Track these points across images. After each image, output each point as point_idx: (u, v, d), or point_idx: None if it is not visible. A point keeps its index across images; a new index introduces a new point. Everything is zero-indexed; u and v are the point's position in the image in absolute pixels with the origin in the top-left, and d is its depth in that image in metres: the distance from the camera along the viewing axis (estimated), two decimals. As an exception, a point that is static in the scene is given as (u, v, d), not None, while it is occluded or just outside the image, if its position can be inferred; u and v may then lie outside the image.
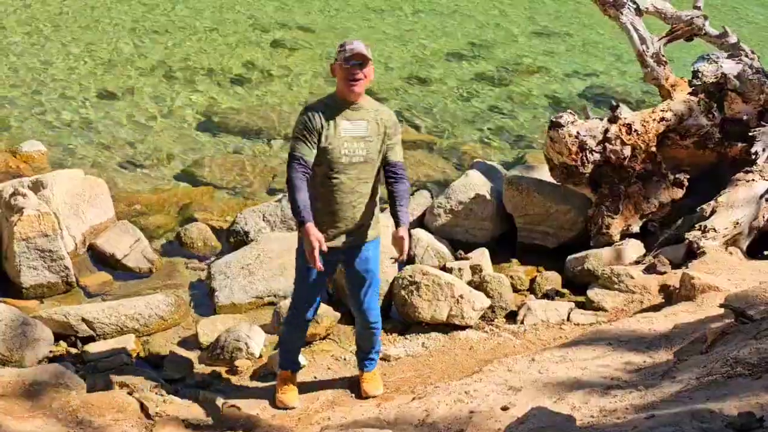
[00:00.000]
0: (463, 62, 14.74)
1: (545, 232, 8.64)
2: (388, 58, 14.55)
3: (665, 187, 8.29)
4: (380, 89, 13.13)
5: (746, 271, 7.31)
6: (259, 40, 14.72)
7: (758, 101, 8.30)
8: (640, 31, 8.42)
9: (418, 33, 15.95)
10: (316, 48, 14.62)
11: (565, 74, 14.49)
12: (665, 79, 8.48)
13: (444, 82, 13.73)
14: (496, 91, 13.60)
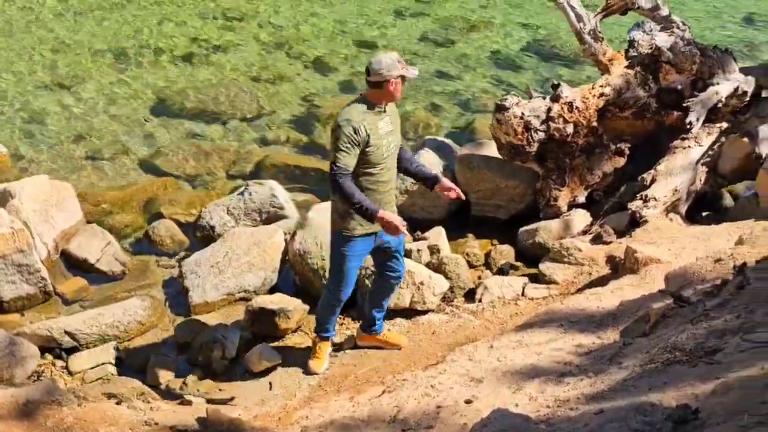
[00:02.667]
0: (410, 20, 14.97)
1: (497, 205, 9.09)
2: (335, 22, 14.73)
3: (608, 157, 8.74)
4: (330, 58, 13.37)
5: (686, 239, 7.81)
6: (204, 12, 14.77)
7: (691, 71, 8.72)
8: (576, 9, 8.77)
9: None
10: (263, 16, 14.74)
11: (507, 29, 14.79)
12: (603, 54, 8.87)
13: (392, 46, 13.93)
14: (441, 52, 13.89)
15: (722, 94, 8.63)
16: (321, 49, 13.73)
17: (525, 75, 13.12)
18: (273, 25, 14.43)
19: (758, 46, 14.36)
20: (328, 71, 13.06)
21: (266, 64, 13.10)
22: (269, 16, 14.76)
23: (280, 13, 14.94)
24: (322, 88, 12.50)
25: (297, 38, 14.07)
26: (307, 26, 14.52)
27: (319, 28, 14.45)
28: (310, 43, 13.93)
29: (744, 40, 14.73)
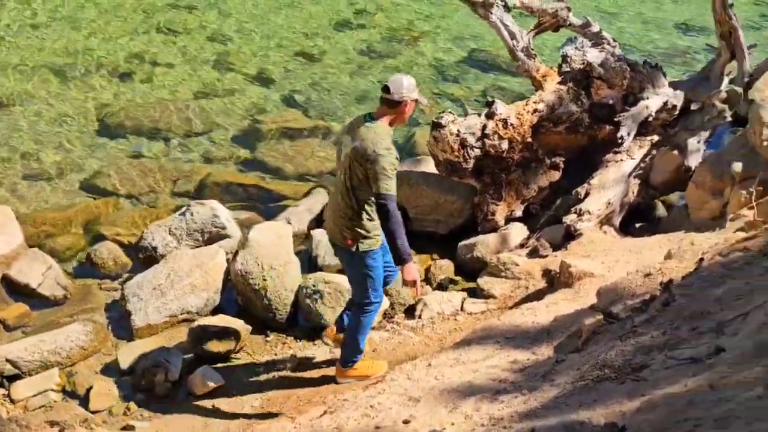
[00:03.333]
0: (350, 32, 15.06)
1: (436, 220, 9.25)
2: (276, 33, 14.79)
3: (543, 171, 8.94)
4: (272, 72, 13.43)
5: (619, 252, 8.03)
6: (145, 27, 14.72)
7: (622, 86, 8.95)
8: (509, 27, 8.96)
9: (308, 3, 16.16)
10: (202, 30, 14.75)
11: (449, 39, 14.94)
12: (536, 70, 9.07)
13: (333, 58, 14.05)
14: (384, 62, 14.00)
15: (652, 108, 8.88)
16: (263, 62, 13.77)
17: (465, 87, 13.30)
18: (215, 39, 14.43)
19: (693, 54, 14.67)
20: (270, 85, 13.11)
21: (208, 79, 13.12)
22: (211, 30, 14.76)
23: (221, 27, 14.94)
24: (264, 103, 12.55)
25: (238, 52, 14.09)
26: (248, 40, 14.56)
27: (261, 42, 14.49)
28: (252, 56, 13.96)
29: (679, 48, 15.05)
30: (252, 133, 11.72)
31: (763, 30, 16.00)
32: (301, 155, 11.10)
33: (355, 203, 6.23)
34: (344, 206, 6.29)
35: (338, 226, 6.39)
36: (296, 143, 11.42)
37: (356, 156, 6.08)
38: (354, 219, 6.28)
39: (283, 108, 12.43)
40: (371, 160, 6.00)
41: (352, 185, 6.19)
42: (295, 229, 9.07)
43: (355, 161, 6.10)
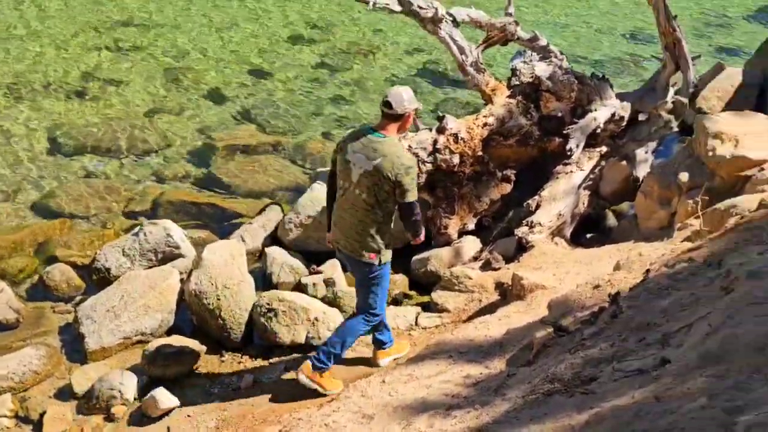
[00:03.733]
0: (303, 47, 15.12)
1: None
2: (229, 49, 14.81)
3: (495, 184, 9.01)
4: (226, 88, 13.43)
5: (570, 263, 8.12)
6: (96, 44, 14.66)
7: (570, 99, 9.06)
8: (458, 42, 9.03)
9: (260, 18, 16.19)
10: (154, 47, 14.72)
11: (401, 53, 15.04)
12: (486, 84, 9.15)
13: (286, 73, 14.09)
14: (338, 77, 14.07)
15: (600, 120, 9.00)
16: (216, 79, 13.78)
17: (420, 98, 13.34)
18: (167, 56, 14.42)
19: (643, 63, 14.88)
20: (224, 102, 13.11)
21: (161, 96, 13.10)
22: (163, 47, 14.74)
23: (174, 44, 14.93)
24: (218, 120, 12.54)
25: (192, 69, 14.08)
26: (202, 56, 14.55)
27: (214, 58, 14.48)
28: (206, 73, 13.96)
29: (630, 55, 15.26)
30: (206, 150, 11.71)
31: (708, 38, 16.29)
32: (256, 172, 11.10)
33: (381, 216, 6.42)
34: (368, 222, 6.42)
35: (358, 242, 6.51)
36: (250, 160, 11.43)
37: (380, 173, 6.21)
38: (379, 232, 6.47)
39: (236, 124, 12.43)
40: (399, 173, 6.19)
41: (378, 200, 6.34)
42: (249, 247, 9.09)
43: (381, 178, 6.23)
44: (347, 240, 6.57)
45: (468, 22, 9.18)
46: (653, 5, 8.96)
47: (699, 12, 17.68)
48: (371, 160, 6.22)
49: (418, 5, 8.73)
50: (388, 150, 6.22)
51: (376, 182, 6.26)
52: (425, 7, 8.76)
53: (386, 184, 6.24)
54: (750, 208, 6.96)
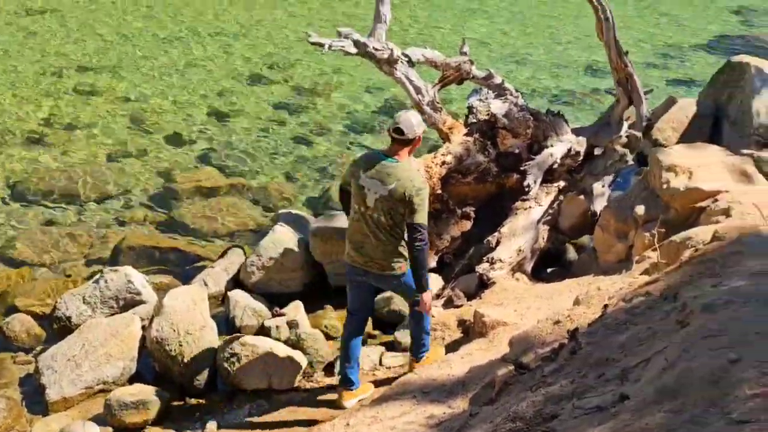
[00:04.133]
0: (263, 87, 15.20)
1: (353, 274, 9.29)
2: (189, 92, 14.84)
3: (455, 222, 9.06)
4: (186, 131, 13.44)
5: (531, 299, 8.17)
6: (56, 90, 14.64)
7: (526, 135, 9.17)
8: (414, 82, 9.11)
9: (219, 59, 16.27)
10: (114, 91, 14.71)
11: (361, 90, 15.16)
12: (443, 123, 9.23)
13: (246, 114, 14.14)
14: (298, 117, 14.15)
15: (557, 155, 9.10)
16: (177, 121, 13.80)
17: (380, 137, 13.45)
18: (127, 100, 14.44)
19: (598, 95, 15.07)
20: (184, 144, 13.12)
21: (121, 139, 13.08)
22: (123, 90, 14.74)
23: (134, 87, 14.95)
24: (179, 163, 12.54)
25: (152, 111, 14.11)
26: (162, 99, 14.58)
27: (175, 101, 14.52)
28: (166, 116, 13.98)
29: (587, 89, 15.48)
30: (167, 193, 11.69)
31: (662, 70, 16.56)
32: (217, 214, 11.10)
33: (401, 233, 6.68)
34: (391, 240, 6.70)
35: (386, 260, 6.77)
36: (212, 202, 11.42)
37: (395, 197, 6.48)
38: (401, 247, 6.73)
39: (197, 167, 12.44)
40: (412, 194, 6.44)
41: (395, 222, 6.61)
42: (211, 291, 9.08)
43: (396, 201, 6.50)
44: (374, 260, 6.81)
45: (423, 62, 9.26)
46: (605, 42, 9.11)
47: (653, 44, 18.00)
48: (386, 185, 6.50)
49: (373, 47, 8.81)
50: (402, 174, 6.50)
51: (392, 206, 6.54)
52: (381, 49, 8.84)
53: (401, 207, 6.52)
54: (704, 239, 7.05)
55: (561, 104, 14.57)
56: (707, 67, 16.01)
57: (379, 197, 6.54)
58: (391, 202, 6.51)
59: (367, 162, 6.69)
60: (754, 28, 19.26)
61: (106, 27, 17.83)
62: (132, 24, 18.09)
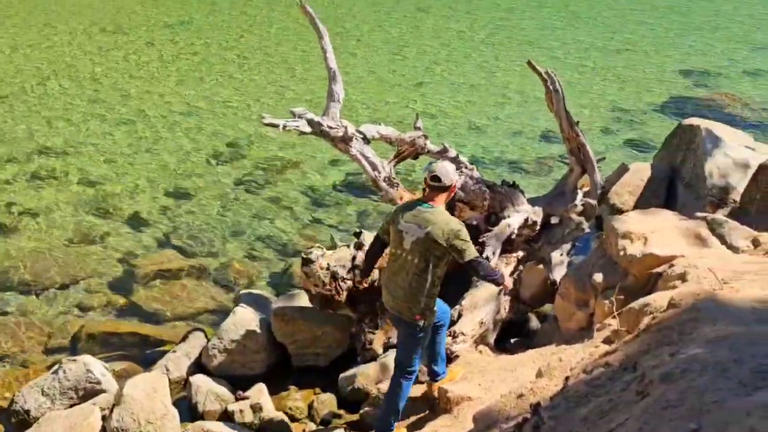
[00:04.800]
0: (223, 167, 15.20)
1: (316, 353, 9.25)
2: (148, 173, 14.81)
3: (416, 295, 9.04)
4: (146, 212, 13.38)
5: (494, 372, 8.14)
6: (14, 175, 14.55)
7: (483, 207, 9.22)
8: (370, 158, 9.16)
9: (179, 139, 16.29)
10: (73, 175, 14.66)
11: (321, 166, 15.21)
12: (400, 198, 9.25)
13: (206, 194, 14.12)
14: (258, 195, 14.13)
15: (514, 226, 9.15)
16: (136, 204, 13.75)
17: (341, 212, 13.49)
18: (87, 184, 14.36)
19: (555, 160, 15.23)
20: (144, 226, 13.06)
21: (80, 224, 12.99)
22: (82, 174, 14.69)
23: (93, 170, 14.91)
24: (139, 245, 12.46)
25: (112, 194, 14.05)
26: (121, 181, 14.53)
27: (134, 183, 14.48)
28: (125, 198, 13.93)
29: (543, 155, 15.64)
30: (127, 277, 11.60)
31: (617, 134, 16.81)
32: (178, 297, 11.02)
33: (429, 279, 6.99)
34: (418, 285, 7.00)
35: (408, 303, 7.07)
36: (172, 284, 11.35)
37: (432, 240, 6.87)
38: (427, 295, 7.04)
39: (157, 249, 12.37)
40: (450, 238, 6.84)
41: (428, 265, 6.96)
42: (173, 376, 8.98)
43: (432, 243, 6.87)
44: (395, 301, 7.14)
45: (378, 139, 9.33)
46: (555, 112, 9.24)
47: (607, 107, 18.28)
48: (423, 229, 6.90)
49: (327, 125, 8.86)
50: (438, 218, 6.92)
51: (428, 248, 6.90)
52: (335, 127, 8.89)
53: (437, 250, 6.89)
54: (662, 306, 7.08)
55: (517, 172, 14.72)
56: (661, 129, 16.26)
57: (416, 239, 6.93)
58: (428, 244, 6.88)
59: (406, 208, 7.14)
60: (703, 89, 19.64)
61: (55, 111, 17.85)
62: (79, 108, 18.11)
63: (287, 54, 22.57)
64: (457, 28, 25.51)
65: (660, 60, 22.01)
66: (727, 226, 8.44)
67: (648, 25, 25.72)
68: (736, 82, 20.07)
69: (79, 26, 25.12)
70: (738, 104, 18.28)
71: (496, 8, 27.41)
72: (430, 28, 25.58)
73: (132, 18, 26.16)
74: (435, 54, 22.85)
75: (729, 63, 21.59)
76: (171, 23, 25.47)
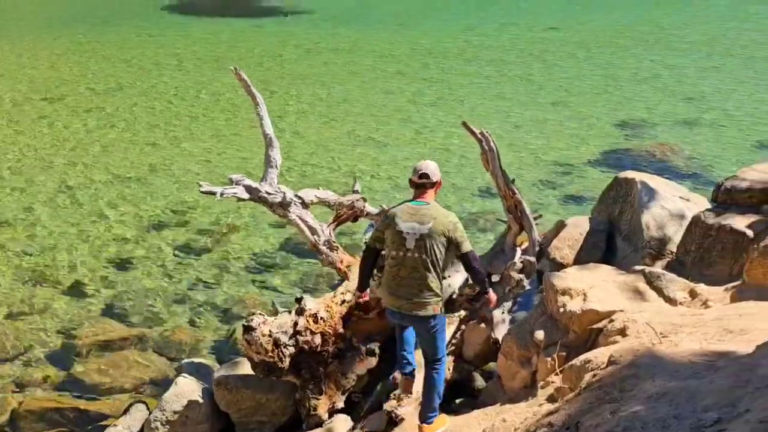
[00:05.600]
0: (164, 233, 15.07)
1: (260, 422, 9.12)
2: (88, 242, 14.63)
3: (360, 359, 9.01)
4: (87, 283, 13.19)
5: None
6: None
7: (424, 268, 9.25)
8: (309, 223, 9.18)
9: (119, 207, 16.15)
10: (11, 245, 14.45)
11: (263, 229, 15.15)
12: (340, 261, 9.28)
13: (148, 261, 13.97)
14: (200, 260, 14.03)
15: (455, 285, 9.19)
16: (76, 273, 13.56)
17: (284, 275, 13.43)
18: (25, 254, 14.15)
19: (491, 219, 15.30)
20: (85, 297, 12.88)
21: (19, 295, 12.78)
22: (20, 244, 14.47)
23: (32, 240, 14.70)
24: (79, 317, 12.27)
25: (52, 264, 13.86)
26: (60, 251, 14.34)
27: (73, 252, 14.29)
28: (65, 268, 13.73)
29: (484, 212, 15.76)
30: (67, 350, 11.41)
31: (555, 188, 17.01)
32: (119, 368, 10.85)
33: (436, 274, 7.31)
34: (428, 279, 7.29)
35: (422, 299, 7.33)
36: (113, 356, 11.18)
37: (434, 234, 7.20)
38: (435, 288, 7.34)
39: (98, 319, 12.20)
40: (450, 230, 7.21)
41: (434, 260, 7.26)
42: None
43: (436, 236, 7.20)
44: (410, 302, 7.34)
45: (317, 203, 9.35)
46: (491, 172, 9.34)
47: (543, 162, 18.50)
48: (424, 225, 7.20)
49: (266, 191, 8.87)
50: (437, 213, 7.27)
51: (432, 242, 7.21)
52: (273, 193, 8.91)
53: (440, 242, 7.22)
54: (603, 362, 7.13)
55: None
56: (597, 181, 16.49)
57: (419, 236, 7.21)
58: (432, 238, 7.19)
59: (400, 211, 7.37)
60: (637, 140, 20.00)
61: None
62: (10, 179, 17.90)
63: (217, 118, 22.47)
64: (385, 88, 25.62)
65: (594, 112, 22.39)
66: (665, 279, 8.54)
67: (582, 78, 26.21)
68: (669, 132, 20.47)
69: (6, 95, 24.83)
70: (671, 155, 18.64)
71: (426, 69, 27.64)
72: (358, 88, 25.59)
73: (61, 87, 25.79)
74: (364, 114, 22.84)
75: (661, 114, 22.04)
76: (99, 91, 25.16)
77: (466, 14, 37.41)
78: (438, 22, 36.33)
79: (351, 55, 30.45)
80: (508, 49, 30.65)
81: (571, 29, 33.63)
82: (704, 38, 31.89)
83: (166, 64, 29.08)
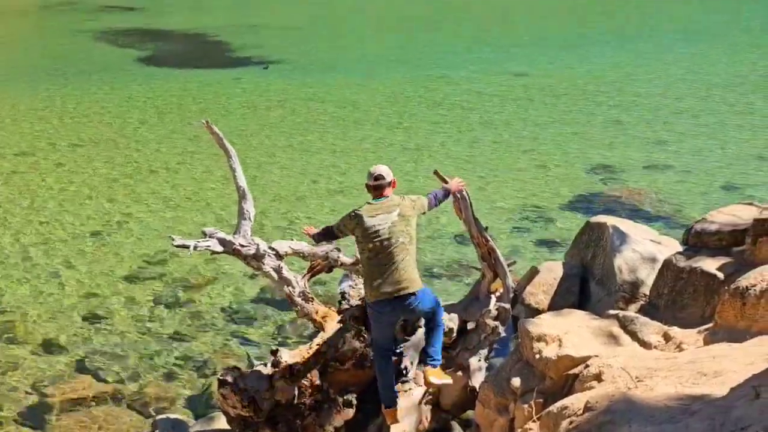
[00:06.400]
0: (139, 285, 14.98)
1: (237, 475, 9.04)
2: (60, 297, 14.51)
3: (337, 410, 8.98)
4: (60, 338, 13.07)
5: (419, 486, 8.07)
6: None
7: (398, 317, 9.26)
8: (283, 275, 9.18)
9: (92, 259, 16.05)
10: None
11: (238, 280, 15.09)
12: (315, 312, 9.28)
13: (122, 314, 13.87)
14: (176, 313, 13.92)
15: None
16: (47, 329, 13.42)
17: (261, 328, 13.36)
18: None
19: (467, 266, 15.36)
20: (57, 352, 12.74)
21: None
22: None
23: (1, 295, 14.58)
24: (51, 373, 12.13)
25: (23, 319, 13.71)
26: (32, 306, 14.19)
27: (45, 307, 14.16)
28: (36, 324, 13.60)
29: (457, 259, 15.79)
30: (39, 408, 11.28)
31: (527, 233, 17.10)
32: (93, 426, 10.72)
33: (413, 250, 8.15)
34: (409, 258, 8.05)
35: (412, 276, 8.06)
36: (87, 413, 11.06)
37: (406, 213, 8.12)
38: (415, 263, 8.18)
39: (72, 376, 12.06)
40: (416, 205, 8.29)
41: (411, 238, 8.09)
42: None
43: (407, 217, 8.11)
44: (406, 283, 8.02)
45: (291, 254, 9.36)
46: (464, 220, 9.40)
47: (516, 209, 18.60)
48: (392, 212, 8.08)
49: (239, 243, 8.88)
50: (397, 200, 8.20)
51: (406, 223, 8.08)
52: (247, 245, 8.91)
53: (412, 222, 8.15)
54: (579, 408, 7.14)
55: (433, 277, 14.83)
56: (570, 226, 16.62)
57: (392, 223, 8.02)
58: (405, 219, 8.06)
59: (365, 212, 8.14)
60: (608, 185, 20.17)
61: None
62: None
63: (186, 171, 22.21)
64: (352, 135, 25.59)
65: (564, 158, 22.58)
66: (638, 323, 8.59)
67: (551, 124, 26.46)
68: (638, 176, 20.68)
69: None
70: (641, 198, 18.81)
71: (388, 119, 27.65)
72: (317, 140, 25.38)
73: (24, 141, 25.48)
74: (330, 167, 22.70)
75: (630, 159, 22.26)
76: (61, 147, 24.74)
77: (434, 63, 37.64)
78: (405, 70, 36.54)
79: (319, 103, 30.46)
80: (476, 95, 30.90)
81: (539, 75, 33.97)
82: (669, 83, 32.32)
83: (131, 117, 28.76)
